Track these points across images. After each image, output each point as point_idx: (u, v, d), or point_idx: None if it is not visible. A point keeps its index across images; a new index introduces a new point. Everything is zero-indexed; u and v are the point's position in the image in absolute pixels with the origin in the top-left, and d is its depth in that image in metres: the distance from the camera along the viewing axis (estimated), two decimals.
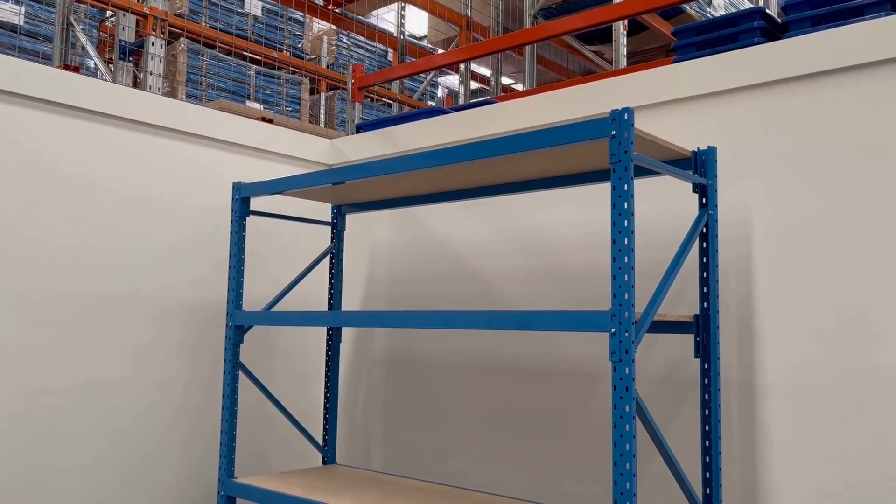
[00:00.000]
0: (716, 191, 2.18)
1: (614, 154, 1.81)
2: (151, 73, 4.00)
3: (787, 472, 2.16)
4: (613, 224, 1.79)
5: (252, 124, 3.27)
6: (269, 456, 3.29)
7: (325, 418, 3.10)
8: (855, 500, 2.05)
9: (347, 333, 3.46)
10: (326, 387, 3.12)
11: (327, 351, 3.13)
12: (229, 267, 2.80)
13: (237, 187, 2.80)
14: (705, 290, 2.15)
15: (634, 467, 1.71)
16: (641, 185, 2.55)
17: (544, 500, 2.67)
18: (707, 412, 2.11)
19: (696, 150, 2.18)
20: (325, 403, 3.11)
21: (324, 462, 3.10)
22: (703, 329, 2.13)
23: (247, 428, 3.21)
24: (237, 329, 2.76)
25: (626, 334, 1.75)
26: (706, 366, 2.12)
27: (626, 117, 1.80)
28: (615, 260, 1.78)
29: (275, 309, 3.32)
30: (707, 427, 2.10)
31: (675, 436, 2.40)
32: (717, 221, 2.18)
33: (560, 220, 2.75)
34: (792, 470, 2.16)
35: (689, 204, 2.45)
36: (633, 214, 1.79)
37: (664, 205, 2.50)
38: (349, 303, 3.46)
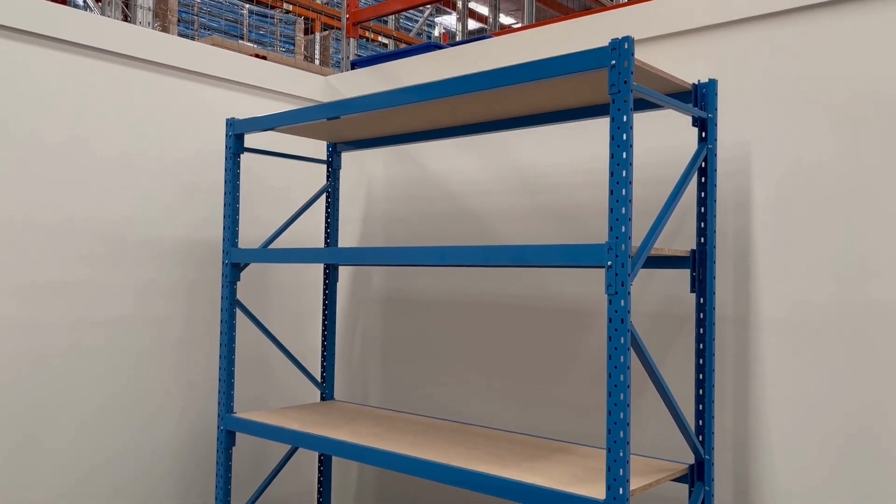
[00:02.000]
0: (715, 124, 2.15)
1: (614, 84, 1.78)
2: (141, 7, 3.90)
3: (779, 406, 2.19)
4: (612, 156, 1.77)
5: (246, 60, 3.21)
6: (267, 394, 3.33)
7: (322, 356, 3.13)
8: (847, 435, 2.08)
9: (344, 273, 3.46)
10: (324, 325, 3.13)
11: (324, 290, 3.14)
12: (224, 204, 2.78)
13: (231, 123, 2.76)
14: (702, 224, 2.14)
15: (628, 398, 1.73)
16: (640, 122, 2.52)
17: (540, 434, 2.71)
18: (701, 346, 2.12)
19: (696, 82, 2.15)
20: (322, 341, 3.13)
21: (322, 398, 3.14)
22: (699, 264, 2.13)
23: (245, 366, 3.24)
24: (233, 267, 2.76)
25: (623, 267, 1.75)
26: (702, 300, 2.13)
27: (626, 46, 1.76)
28: (613, 193, 1.77)
29: (271, 247, 3.32)
30: (701, 360, 2.12)
31: (669, 370, 2.43)
32: (716, 156, 2.15)
33: (558, 158, 2.72)
34: (785, 404, 2.18)
35: (688, 142, 2.42)
36: (631, 147, 1.76)
37: (663, 142, 2.47)
38: (345, 242, 3.46)
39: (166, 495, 2.95)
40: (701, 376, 2.12)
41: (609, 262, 1.76)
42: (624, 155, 1.76)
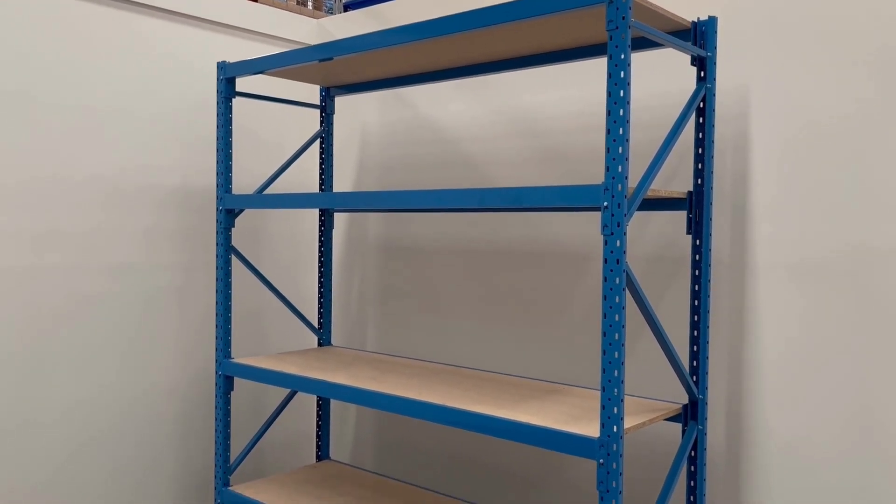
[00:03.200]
0: (715, 64, 2.11)
1: (611, 21, 1.74)
2: None
3: (774, 348, 2.21)
4: (609, 95, 1.74)
5: (237, 2, 3.13)
6: (265, 341, 3.35)
7: (319, 302, 3.14)
8: (842, 377, 2.11)
9: (340, 221, 3.45)
10: (320, 272, 3.13)
11: (320, 237, 3.13)
12: (217, 150, 2.75)
13: (222, 67, 2.71)
14: (700, 166, 2.12)
15: (623, 338, 1.74)
16: (638, 64, 2.48)
17: (535, 377, 2.74)
18: (697, 287, 2.13)
19: (695, 20, 2.10)
20: (319, 288, 3.14)
21: (319, 345, 3.16)
22: (695, 205, 2.12)
23: (243, 314, 3.25)
24: (227, 213, 2.74)
25: (619, 208, 1.74)
26: (698, 242, 2.12)
27: None
28: (610, 132, 1.74)
29: (265, 193, 3.30)
30: (696, 302, 2.13)
31: (664, 312, 2.44)
32: (714, 96, 2.12)
33: (555, 101, 2.69)
34: (780, 347, 2.20)
35: (686, 86, 2.38)
36: (629, 85, 1.74)
37: (661, 86, 2.43)
38: (340, 189, 3.43)
39: (166, 441, 2.98)
40: (696, 318, 2.13)
41: (605, 203, 1.75)
42: (621, 93, 1.73)
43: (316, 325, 3.39)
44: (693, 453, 2.13)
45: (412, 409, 2.15)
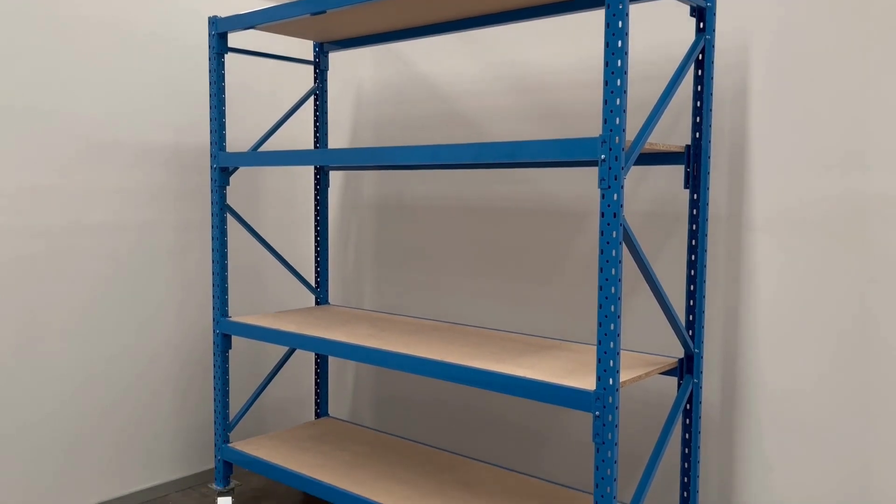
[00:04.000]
0: (714, 14, 2.08)
1: None
2: None
3: (771, 302, 2.21)
4: (607, 45, 1.71)
5: None
6: (261, 300, 3.35)
7: (316, 261, 3.13)
8: (837, 332, 2.11)
9: (335, 179, 3.43)
10: (316, 231, 3.12)
11: (315, 196, 3.11)
12: (210, 107, 2.71)
13: (213, 22, 2.66)
14: (698, 119, 2.10)
15: (619, 291, 1.74)
16: (637, 16, 2.44)
17: (532, 334, 2.75)
18: (694, 242, 2.12)
19: None
20: (315, 247, 3.13)
21: (316, 303, 3.16)
22: (693, 159, 2.10)
23: (239, 274, 3.25)
24: (222, 171, 2.72)
25: (616, 161, 1.72)
26: (695, 196, 2.11)
27: None
28: (607, 83, 1.72)
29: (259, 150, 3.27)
30: (693, 256, 2.13)
31: (661, 268, 2.44)
32: (713, 47, 2.09)
33: (551, 56, 2.65)
34: (776, 301, 2.20)
35: (685, 38, 2.34)
36: (627, 35, 1.71)
37: (659, 39, 2.39)
38: (335, 147, 3.40)
39: (166, 400, 3.00)
40: (692, 272, 2.13)
41: (602, 156, 1.74)
42: (619, 44, 1.70)
43: (313, 284, 3.39)
44: (688, 406, 2.15)
45: (410, 365, 2.16)
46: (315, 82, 3.05)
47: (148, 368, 2.93)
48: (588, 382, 1.87)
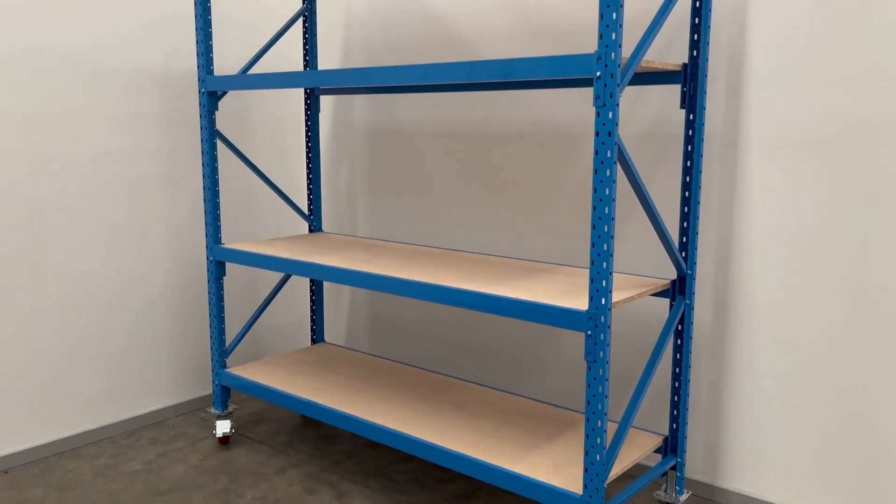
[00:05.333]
0: None
1: None
2: None
3: (764, 223, 2.21)
4: None
5: None
6: (255, 229, 3.34)
7: (308, 188, 3.11)
8: (831, 250, 2.12)
9: (326, 104, 3.37)
10: (308, 157, 3.09)
11: (306, 121, 3.06)
12: (196, 29, 2.64)
13: None
14: (696, 37, 2.05)
15: (613, 212, 1.73)
16: None
17: (526, 258, 2.75)
18: (689, 163, 2.10)
19: None
20: (307, 174, 3.10)
21: (310, 231, 3.15)
22: (690, 78, 2.07)
23: (231, 202, 3.23)
24: (210, 95, 2.66)
25: (612, 78, 1.68)
26: (691, 117, 2.08)
27: None
28: None
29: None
30: (688, 178, 2.11)
31: (655, 190, 2.43)
32: None
33: None
34: (768, 226, 2.20)
35: None
36: None
37: None
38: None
39: (162, 327, 3.02)
40: (687, 194, 2.12)
41: (598, 73, 1.70)
42: None
43: (306, 211, 3.37)
44: (680, 327, 2.17)
45: (405, 289, 2.16)
46: (304, 3, 2.97)
47: (142, 297, 2.94)
48: (581, 303, 1.88)
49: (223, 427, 2.80)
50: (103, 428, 2.86)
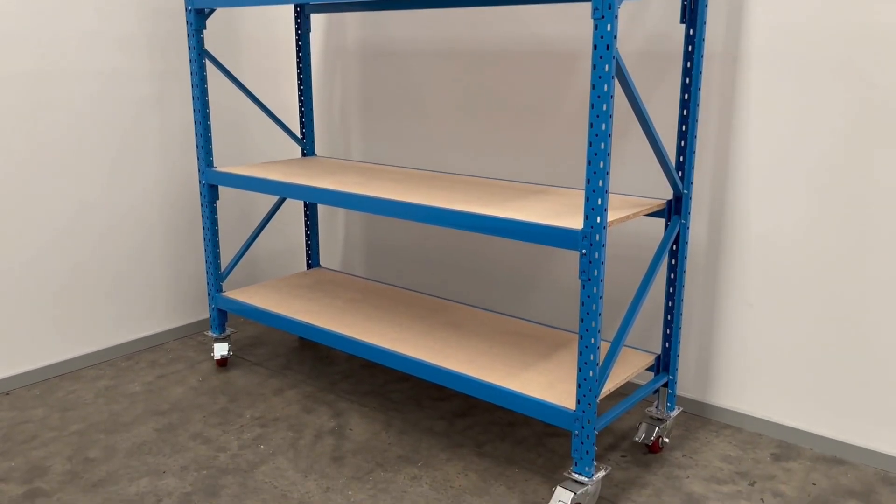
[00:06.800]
0: None
1: None
2: None
3: (761, 143, 2.19)
4: None
5: None
6: (247, 153, 3.30)
7: (300, 111, 3.06)
8: (830, 169, 2.10)
9: (317, 25, 3.28)
10: (299, 79, 3.02)
11: (297, 41, 2.98)
12: None
13: None
14: None
15: (610, 128, 1.70)
16: None
17: (521, 181, 2.73)
18: (688, 80, 2.06)
19: None
20: (299, 96, 3.04)
21: (303, 155, 3.12)
22: None
23: (223, 126, 3.18)
24: (197, 13, 2.59)
25: None
26: (691, 32, 2.03)
27: None
28: None
29: None
30: (686, 95, 2.07)
31: (653, 108, 2.39)
32: None
33: None
34: (766, 145, 2.18)
35: None
36: None
37: None
38: None
39: (158, 252, 3.02)
40: (685, 112, 2.09)
41: None
42: None
43: (298, 135, 3.33)
44: (675, 247, 2.18)
45: (400, 211, 2.15)
46: None
47: (136, 222, 2.93)
48: (576, 222, 1.87)
49: (221, 349, 2.83)
50: (102, 351, 2.89)
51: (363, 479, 2.10)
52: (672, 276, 2.21)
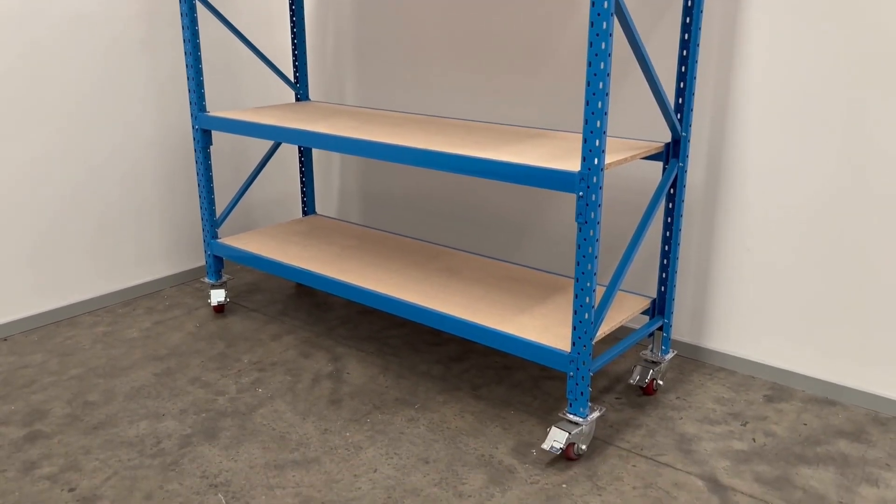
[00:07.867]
0: None
1: None
2: None
3: (761, 85, 2.16)
4: None
5: None
6: (240, 97, 3.25)
7: (294, 55, 3.00)
8: (829, 114, 2.08)
9: None
10: (292, 22, 2.96)
11: None
12: None
13: None
14: None
15: (609, 68, 1.67)
16: None
17: (518, 124, 2.71)
18: (688, 20, 2.02)
19: None
20: (292, 40, 2.98)
21: (297, 100, 3.07)
22: None
23: (215, 70, 3.12)
24: None
25: None
26: None
27: None
28: None
29: None
30: (686, 36, 2.03)
31: (652, 51, 2.35)
32: None
33: None
34: (767, 87, 2.15)
35: None
36: None
37: None
38: None
39: (152, 200, 3.00)
40: (685, 52, 2.05)
41: None
42: None
43: (292, 79, 3.28)
44: (672, 190, 2.16)
45: (395, 155, 2.13)
46: None
47: (129, 168, 2.90)
48: (573, 165, 1.86)
49: (218, 296, 2.83)
50: (99, 298, 2.89)
51: (361, 421, 2.13)
52: (669, 220, 2.20)
